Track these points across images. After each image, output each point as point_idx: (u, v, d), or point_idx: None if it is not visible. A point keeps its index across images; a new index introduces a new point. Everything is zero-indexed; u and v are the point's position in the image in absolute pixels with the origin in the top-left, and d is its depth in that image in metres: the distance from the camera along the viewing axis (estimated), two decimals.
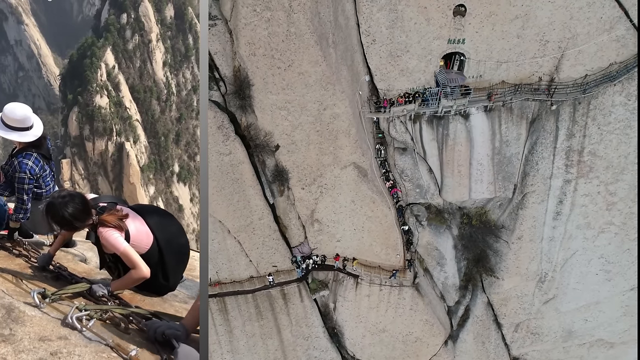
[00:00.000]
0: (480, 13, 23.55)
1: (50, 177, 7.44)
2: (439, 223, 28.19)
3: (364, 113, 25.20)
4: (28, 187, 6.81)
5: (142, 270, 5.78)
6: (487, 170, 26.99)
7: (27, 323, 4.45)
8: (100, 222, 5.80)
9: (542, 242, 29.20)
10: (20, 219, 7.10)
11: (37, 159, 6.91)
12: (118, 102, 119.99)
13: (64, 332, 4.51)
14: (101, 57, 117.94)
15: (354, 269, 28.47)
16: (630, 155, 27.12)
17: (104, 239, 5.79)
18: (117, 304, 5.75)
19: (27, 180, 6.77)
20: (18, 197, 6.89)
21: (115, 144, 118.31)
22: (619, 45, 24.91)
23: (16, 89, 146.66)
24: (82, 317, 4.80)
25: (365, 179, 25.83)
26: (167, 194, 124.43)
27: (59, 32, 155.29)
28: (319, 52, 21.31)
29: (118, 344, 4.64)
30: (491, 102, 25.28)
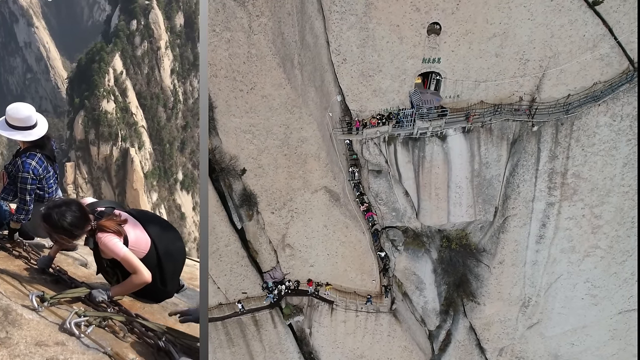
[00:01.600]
0: (455, 31, 22.53)
1: (54, 180, 7.39)
2: (416, 247, 27.22)
3: (335, 135, 24.15)
4: (31, 187, 6.76)
5: (144, 275, 5.74)
6: (466, 193, 26.01)
7: (24, 327, 4.37)
8: (99, 228, 5.76)
9: (525, 266, 28.25)
10: (21, 220, 7.04)
11: (41, 159, 6.88)
12: (124, 107, 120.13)
13: (62, 338, 4.43)
14: (109, 63, 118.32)
15: (328, 294, 27.48)
16: (616, 177, 26.16)
17: (103, 245, 5.74)
18: (117, 310, 5.66)
19: (29, 181, 6.72)
20: (20, 198, 6.82)
21: (120, 149, 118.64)
22: (603, 64, 23.95)
23: (24, 90, 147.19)
24: (80, 323, 4.72)
25: (337, 203, 24.83)
26: (170, 201, 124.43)
27: (68, 36, 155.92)
28: (283, 74, 20.29)
29: (117, 352, 4.56)
30: (469, 123, 24.28)
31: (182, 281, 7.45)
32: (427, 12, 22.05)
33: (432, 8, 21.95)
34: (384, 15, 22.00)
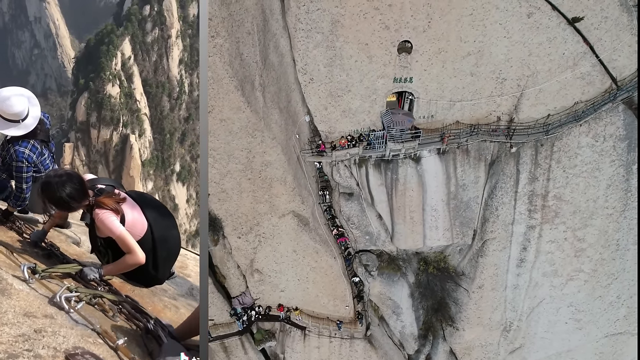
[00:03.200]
0: (428, 50, 21.59)
1: (50, 160, 7.22)
2: (392, 271, 26.34)
3: (304, 157, 23.18)
4: (27, 175, 6.66)
5: (138, 256, 5.68)
6: (442, 216, 25.09)
7: (13, 296, 4.38)
8: (97, 204, 5.68)
9: (506, 290, 27.38)
10: (18, 206, 7.03)
11: (35, 146, 6.71)
12: (129, 93, 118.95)
13: (51, 311, 4.45)
14: (118, 46, 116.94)
15: (299, 320, 26.53)
16: (599, 200, 25.27)
17: (99, 221, 5.67)
18: (107, 290, 5.66)
19: (25, 169, 6.61)
20: (17, 186, 6.75)
21: (120, 134, 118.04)
22: (584, 82, 23.07)
23: (29, 65, 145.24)
24: (71, 298, 4.73)
25: (306, 228, 23.90)
26: (165, 191, 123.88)
27: (79, 15, 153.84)
28: (241, 97, 19.36)
29: (105, 330, 4.56)
30: (444, 144, 23.32)
31: (173, 268, 7.35)
32: (397, 30, 21.11)
33: (402, 26, 21.02)
34: (352, 34, 21.05)
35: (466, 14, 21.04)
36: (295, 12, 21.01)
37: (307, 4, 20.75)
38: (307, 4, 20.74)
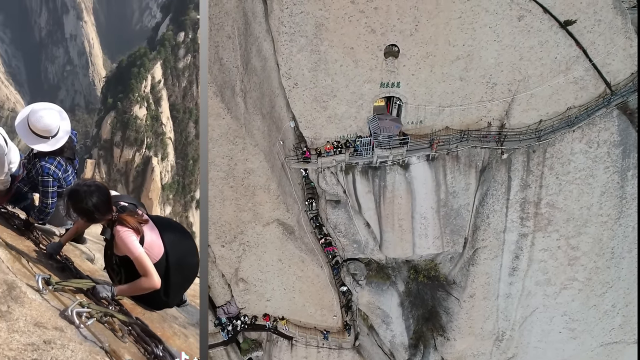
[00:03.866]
0: (415, 54, 21.02)
1: (73, 176, 7.32)
2: (380, 280, 25.76)
3: (289, 163, 22.60)
4: (52, 190, 6.79)
5: (154, 280, 5.64)
6: (432, 223, 24.54)
7: (25, 305, 4.45)
8: (119, 221, 5.70)
9: (498, 299, 26.81)
10: (40, 220, 7.08)
11: (60, 162, 6.83)
12: (156, 116, 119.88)
13: (61, 324, 4.51)
14: (149, 69, 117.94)
15: (286, 329, 25.97)
16: (593, 207, 24.72)
17: (119, 239, 5.67)
18: (118, 310, 5.60)
19: (50, 184, 6.73)
20: (42, 200, 6.85)
21: (143, 156, 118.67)
22: (577, 87, 22.50)
23: (60, 81, 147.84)
24: (82, 314, 4.75)
25: (291, 236, 23.34)
26: (183, 217, 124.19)
27: (114, 36, 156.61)
28: (220, 103, 18.80)
29: (114, 349, 4.64)
30: (433, 150, 22.70)
31: (185, 297, 7.44)
32: (383, 33, 20.54)
33: (389, 29, 20.44)
34: (336, 37, 20.48)
35: (454, 17, 20.47)
36: (278, 15, 20.43)
37: (290, 7, 20.18)
38: (290, 6, 20.17)
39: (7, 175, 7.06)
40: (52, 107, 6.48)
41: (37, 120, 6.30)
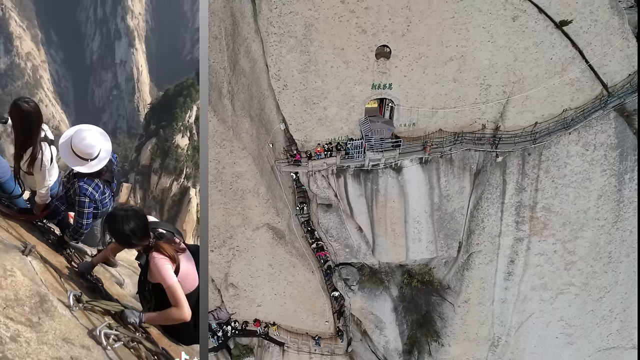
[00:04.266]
0: (407, 55, 20.60)
1: (110, 199, 7.41)
2: (373, 285, 25.34)
3: (279, 167, 22.16)
4: (88, 211, 6.83)
5: (184, 311, 5.54)
6: (425, 228, 24.12)
7: (55, 319, 4.49)
8: (156, 247, 5.70)
9: (493, 305, 26.41)
10: (74, 239, 7.21)
11: (98, 185, 6.90)
12: (197, 147, 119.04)
13: (88, 343, 4.57)
14: (195, 100, 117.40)
15: (276, 335, 25.53)
16: (590, 211, 24.31)
17: (154, 266, 5.65)
18: (145, 337, 5.60)
19: (87, 204, 6.79)
20: (77, 220, 6.92)
21: (180, 186, 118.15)
22: (574, 89, 22.10)
23: (105, 104, 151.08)
24: (110, 335, 4.80)
25: (282, 241, 22.92)
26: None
27: (163, 65, 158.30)
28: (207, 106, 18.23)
29: None
30: (427, 153, 22.26)
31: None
32: (374, 34, 20.11)
33: (380, 30, 20.02)
34: (326, 38, 20.05)
35: (447, 17, 20.05)
36: (267, 15, 20.00)
37: (279, 7, 19.75)
38: (279, 6, 19.74)
39: (48, 190, 7.14)
40: (96, 130, 6.55)
41: (79, 142, 6.37)
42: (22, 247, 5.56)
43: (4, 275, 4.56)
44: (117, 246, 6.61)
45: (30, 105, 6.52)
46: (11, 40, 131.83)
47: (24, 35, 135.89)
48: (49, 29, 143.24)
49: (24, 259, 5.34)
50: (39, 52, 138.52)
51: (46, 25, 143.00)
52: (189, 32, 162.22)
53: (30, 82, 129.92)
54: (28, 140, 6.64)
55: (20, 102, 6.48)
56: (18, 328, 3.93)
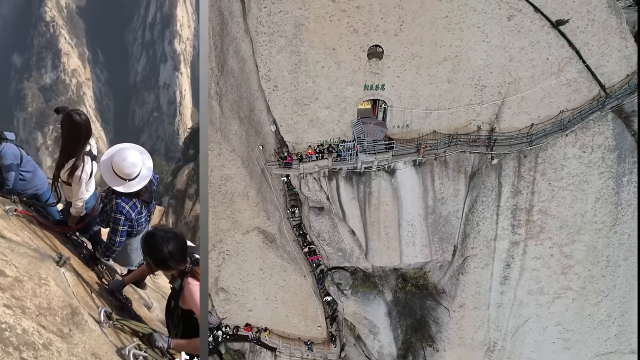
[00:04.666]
0: (400, 55, 20.17)
1: (145, 220, 7.40)
2: (367, 289, 24.95)
3: (269, 169, 21.74)
4: (122, 229, 6.84)
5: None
6: (419, 231, 23.71)
7: (85, 333, 4.52)
8: (192, 273, 5.63)
9: (489, 309, 26.00)
10: (106, 256, 7.27)
11: (136, 204, 6.88)
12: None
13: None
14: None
15: (268, 340, 25.12)
16: (587, 214, 23.91)
17: (188, 292, 5.59)
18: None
19: (122, 222, 6.79)
20: (110, 237, 6.95)
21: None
22: (570, 90, 21.69)
23: (145, 125, 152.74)
24: (139, 356, 4.78)
25: (272, 245, 22.51)
26: None
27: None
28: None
29: None
30: (420, 155, 21.83)
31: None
32: (366, 33, 19.68)
33: (372, 29, 19.58)
34: (317, 38, 19.61)
35: (441, 16, 19.61)
36: (256, 14, 19.56)
37: (268, 6, 19.31)
38: (268, 5, 19.30)
39: (83, 202, 7.18)
40: (137, 150, 6.57)
41: (120, 161, 6.38)
42: (57, 257, 5.58)
43: (39, 284, 4.60)
44: (150, 268, 6.47)
45: (81, 118, 6.68)
46: (59, 56, 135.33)
47: (71, 52, 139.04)
48: (96, 48, 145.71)
49: (58, 269, 5.37)
50: (85, 69, 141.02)
51: (94, 44, 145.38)
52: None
53: (73, 98, 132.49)
54: (73, 151, 6.76)
55: (73, 113, 6.65)
56: (50, 337, 3.97)
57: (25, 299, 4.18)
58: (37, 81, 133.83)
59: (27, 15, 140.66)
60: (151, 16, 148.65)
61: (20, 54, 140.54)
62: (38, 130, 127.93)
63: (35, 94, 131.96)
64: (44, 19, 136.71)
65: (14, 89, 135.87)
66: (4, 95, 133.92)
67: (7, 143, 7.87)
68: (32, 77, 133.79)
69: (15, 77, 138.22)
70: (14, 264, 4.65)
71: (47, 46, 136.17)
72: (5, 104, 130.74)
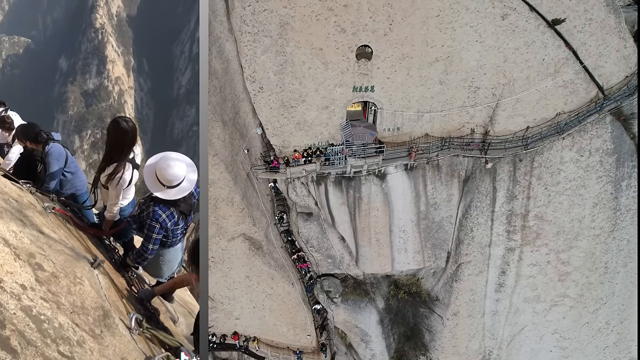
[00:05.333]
0: (390, 55, 19.46)
1: (182, 232, 7.31)
2: (358, 297, 24.24)
3: (255, 173, 21.03)
4: (156, 236, 6.73)
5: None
6: (412, 237, 23.02)
7: (116, 336, 4.53)
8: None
9: (484, 317, 25.33)
10: (137, 263, 7.27)
11: (173, 214, 6.80)
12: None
13: None
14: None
15: (256, 349, 24.41)
16: (585, 219, 23.23)
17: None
18: None
19: (157, 230, 6.68)
20: (143, 244, 6.89)
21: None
22: (567, 91, 20.99)
23: (184, 139, 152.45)
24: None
25: (259, 252, 21.81)
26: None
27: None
28: None
29: None
30: (412, 159, 21.13)
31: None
32: (354, 33, 18.97)
33: (360, 29, 18.87)
34: (303, 37, 18.90)
35: (432, 15, 18.90)
36: (240, 13, 18.85)
37: (252, 4, 18.60)
38: (252, 4, 18.59)
39: (118, 207, 7.30)
40: (183, 161, 6.55)
41: (164, 168, 6.34)
42: (92, 259, 5.65)
43: (74, 282, 4.65)
44: (183, 281, 6.71)
45: (128, 125, 6.79)
46: (105, 63, 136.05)
47: (117, 60, 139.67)
48: (142, 58, 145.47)
49: (92, 271, 5.43)
50: (129, 78, 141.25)
51: (140, 54, 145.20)
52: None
53: (114, 105, 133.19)
54: (116, 157, 6.84)
55: (120, 119, 6.79)
56: (83, 335, 4.01)
57: (61, 295, 4.22)
58: (81, 86, 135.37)
59: (78, 21, 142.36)
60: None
61: (67, 57, 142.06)
62: (76, 134, 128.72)
63: (77, 98, 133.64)
64: (93, 25, 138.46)
65: (58, 91, 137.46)
66: (47, 97, 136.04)
67: (54, 143, 8.19)
68: (76, 81, 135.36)
69: (60, 80, 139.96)
70: (52, 259, 4.70)
71: (94, 52, 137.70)
72: (48, 105, 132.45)
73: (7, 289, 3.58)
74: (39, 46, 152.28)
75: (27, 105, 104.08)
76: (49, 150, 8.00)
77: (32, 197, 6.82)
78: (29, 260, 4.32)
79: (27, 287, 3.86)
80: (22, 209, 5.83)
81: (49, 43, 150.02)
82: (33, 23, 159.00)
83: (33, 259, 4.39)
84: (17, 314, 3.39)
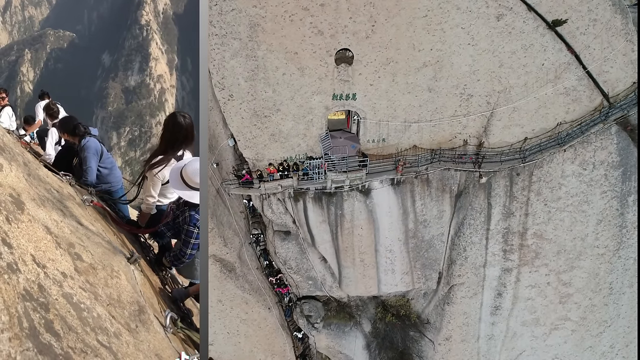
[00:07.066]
0: (373, 60, 17.68)
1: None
2: (341, 321, 22.50)
3: (227, 189, 19.22)
4: (194, 241, 6.80)
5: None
6: (399, 257, 21.32)
7: (150, 332, 4.53)
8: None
9: (479, 341, 23.66)
10: (175, 265, 7.34)
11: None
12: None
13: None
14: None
15: None
16: (588, 237, 21.57)
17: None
18: None
19: (195, 235, 6.72)
20: (182, 248, 6.92)
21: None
22: (569, 99, 19.28)
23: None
24: None
25: (231, 274, 20.06)
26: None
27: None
28: None
29: None
30: (399, 173, 19.35)
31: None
32: (332, 35, 17.20)
33: (339, 30, 17.10)
34: (276, 40, 17.11)
35: (419, 15, 17.14)
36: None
37: (219, 3, 16.83)
38: (219, 2, 16.82)
39: (154, 200, 7.24)
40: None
41: (190, 169, 6.37)
42: (129, 254, 5.60)
43: (111, 275, 4.71)
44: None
45: (185, 121, 6.85)
46: (147, 60, 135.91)
47: (160, 58, 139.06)
48: (186, 57, 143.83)
49: (129, 266, 5.38)
50: (171, 76, 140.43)
51: (185, 53, 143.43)
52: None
53: (154, 103, 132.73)
54: (168, 150, 6.85)
55: (178, 114, 6.94)
56: (119, 327, 4.02)
57: (98, 287, 4.25)
58: (122, 82, 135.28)
59: (124, 17, 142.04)
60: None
61: (110, 53, 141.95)
62: (114, 130, 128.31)
63: (117, 94, 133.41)
64: (139, 22, 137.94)
65: (99, 87, 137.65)
66: (88, 91, 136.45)
67: (90, 137, 8.30)
68: (117, 77, 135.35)
69: (102, 76, 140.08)
70: (90, 251, 4.73)
71: (137, 49, 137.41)
72: (89, 100, 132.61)
73: (50, 275, 3.60)
74: (83, 41, 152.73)
75: (68, 100, 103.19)
76: (84, 144, 8.13)
77: (72, 189, 6.86)
78: (69, 249, 4.33)
79: (67, 275, 3.87)
80: (62, 199, 5.82)
81: (93, 38, 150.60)
82: (79, 18, 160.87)
83: (73, 249, 4.40)
84: (59, 299, 3.42)
